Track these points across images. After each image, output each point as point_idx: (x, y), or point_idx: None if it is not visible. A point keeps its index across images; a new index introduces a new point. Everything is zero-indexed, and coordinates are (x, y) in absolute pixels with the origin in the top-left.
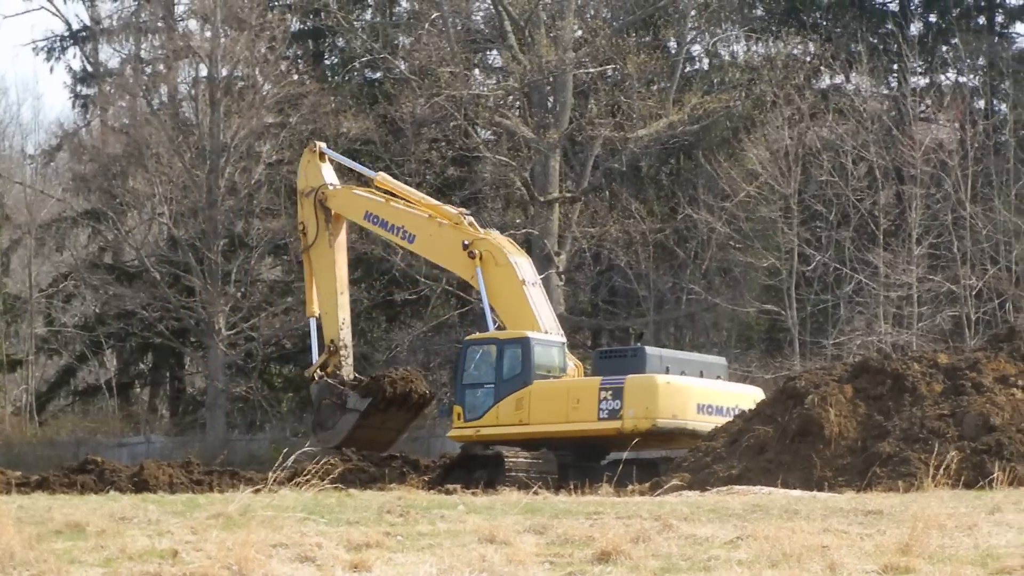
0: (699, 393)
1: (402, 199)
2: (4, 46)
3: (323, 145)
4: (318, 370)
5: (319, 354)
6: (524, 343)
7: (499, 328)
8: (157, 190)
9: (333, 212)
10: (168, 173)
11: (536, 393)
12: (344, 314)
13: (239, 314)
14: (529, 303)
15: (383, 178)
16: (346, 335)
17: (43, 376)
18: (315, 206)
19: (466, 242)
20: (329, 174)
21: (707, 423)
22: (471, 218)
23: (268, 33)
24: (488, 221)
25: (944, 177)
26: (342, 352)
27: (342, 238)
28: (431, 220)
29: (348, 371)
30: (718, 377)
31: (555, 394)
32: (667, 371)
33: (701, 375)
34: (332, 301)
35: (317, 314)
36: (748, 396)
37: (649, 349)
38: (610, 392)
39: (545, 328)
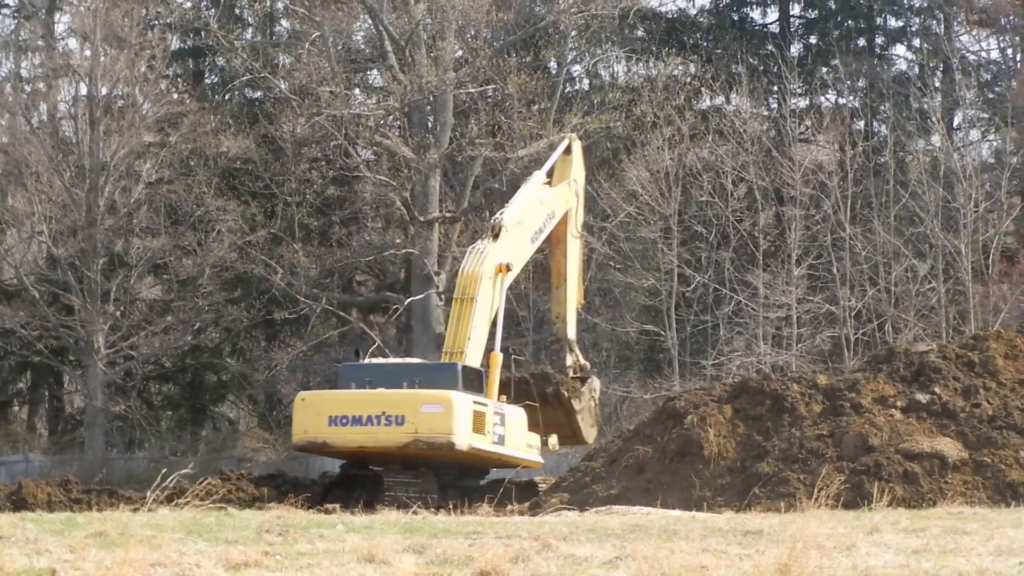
0: (335, 405)
1: None
2: None
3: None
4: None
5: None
6: None
7: None
8: (36, 209)
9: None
10: (48, 192)
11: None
12: (558, 308)
13: (118, 333)
14: None
15: None
16: (559, 329)
17: None
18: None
19: None
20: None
21: (339, 435)
22: None
23: (148, 52)
24: (368, 240)
25: (823, 198)
26: (553, 346)
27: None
28: None
29: (560, 364)
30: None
31: None
32: (368, 384)
33: (404, 385)
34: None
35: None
36: (410, 401)
37: (351, 364)
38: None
39: None
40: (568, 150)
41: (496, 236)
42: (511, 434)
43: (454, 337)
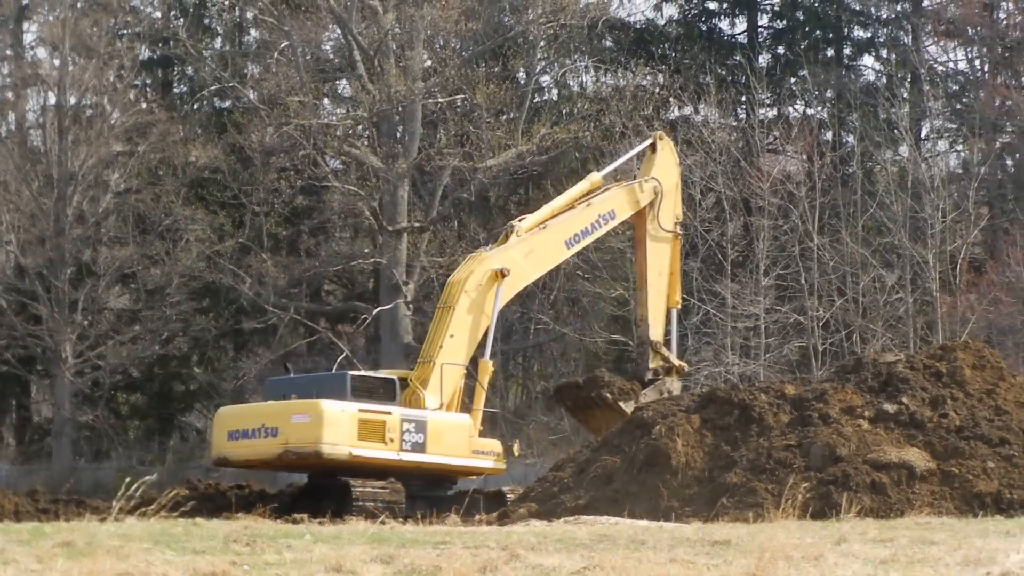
0: (233, 420)
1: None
2: None
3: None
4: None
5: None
6: None
7: None
8: (4, 218)
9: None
10: (16, 201)
11: None
12: (640, 311)
13: (86, 342)
14: None
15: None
16: (642, 332)
17: None
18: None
19: None
20: None
21: (234, 449)
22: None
23: (117, 61)
24: (336, 250)
25: (792, 208)
26: (638, 348)
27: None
28: None
29: (645, 365)
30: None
31: None
32: (283, 397)
33: (317, 394)
34: None
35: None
36: (281, 413)
37: (276, 378)
38: None
39: None
40: (653, 148)
41: (505, 240)
42: (437, 442)
43: (428, 345)
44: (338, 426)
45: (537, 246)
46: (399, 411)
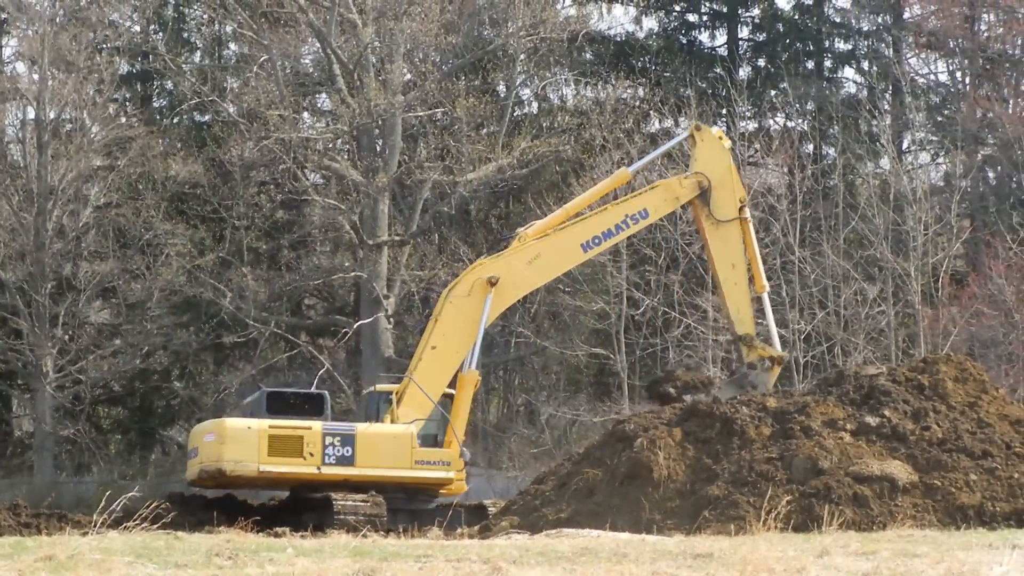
0: (190, 440)
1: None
2: None
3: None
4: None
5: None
6: None
7: None
8: None
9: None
10: None
11: None
12: (724, 308)
13: (67, 357)
14: None
15: None
16: (730, 328)
17: None
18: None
19: None
20: None
21: (187, 468)
22: None
23: (96, 76)
24: (317, 264)
25: (772, 221)
26: (733, 344)
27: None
28: None
29: (741, 362)
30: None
31: None
32: (251, 415)
33: (251, 413)
34: None
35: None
36: (199, 433)
37: (248, 399)
38: None
39: None
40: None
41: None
42: (369, 454)
43: (414, 358)
44: (242, 443)
45: (545, 250)
46: (321, 425)
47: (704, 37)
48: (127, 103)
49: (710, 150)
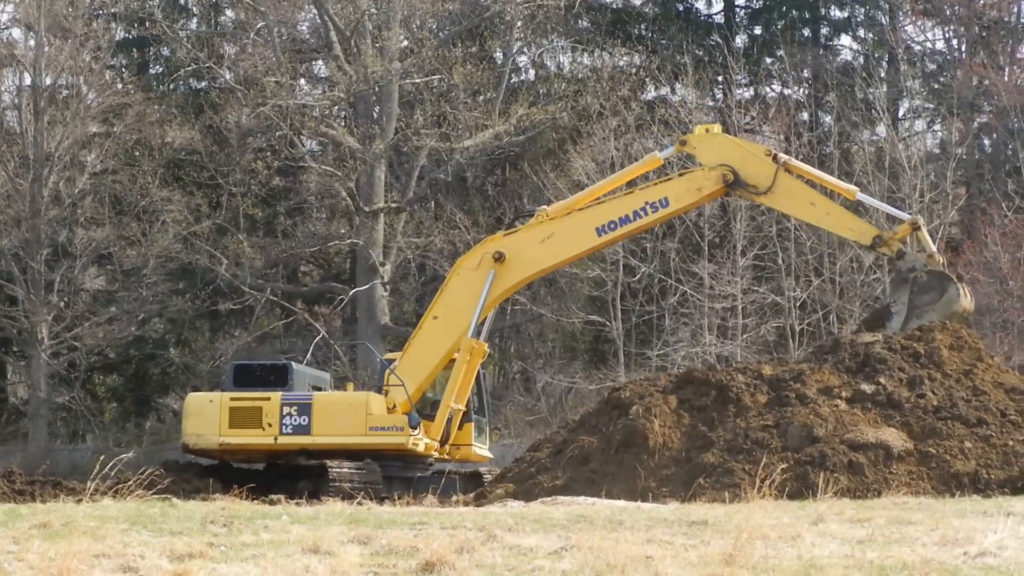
0: None
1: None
2: None
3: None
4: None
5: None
6: None
7: None
8: None
9: None
10: None
11: None
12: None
13: (62, 323)
14: None
15: None
16: (862, 247)
17: None
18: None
19: None
20: None
21: None
22: None
23: (93, 42)
24: (313, 231)
25: None
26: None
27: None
28: None
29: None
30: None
31: None
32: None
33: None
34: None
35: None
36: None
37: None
38: None
39: None
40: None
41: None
42: (324, 422)
43: (416, 327)
44: (202, 416)
45: (559, 231)
46: (279, 396)
47: (700, 4)
48: (123, 69)
49: (710, 146)
